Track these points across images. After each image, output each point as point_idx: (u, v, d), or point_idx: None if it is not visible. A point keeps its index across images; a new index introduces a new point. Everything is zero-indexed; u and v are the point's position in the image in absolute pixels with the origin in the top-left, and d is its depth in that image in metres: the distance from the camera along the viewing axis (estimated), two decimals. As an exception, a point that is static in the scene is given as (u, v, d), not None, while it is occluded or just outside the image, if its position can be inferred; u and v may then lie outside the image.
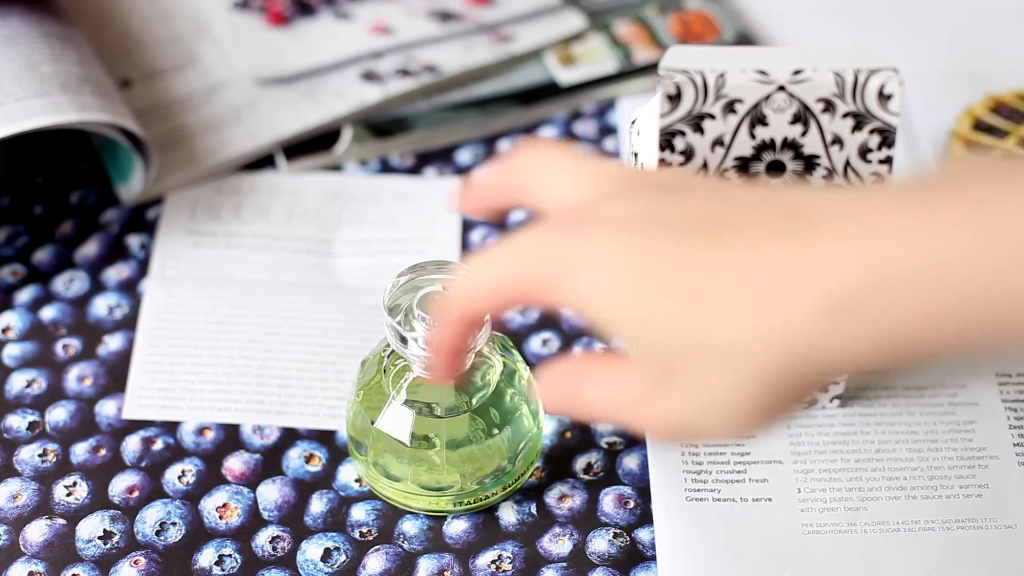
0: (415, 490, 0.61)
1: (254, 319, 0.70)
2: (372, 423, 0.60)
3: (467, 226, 0.74)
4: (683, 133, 0.55)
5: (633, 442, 0.65)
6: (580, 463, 0.65)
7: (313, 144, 0.77)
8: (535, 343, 0.69)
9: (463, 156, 0.78)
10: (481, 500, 0.62)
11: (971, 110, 0.78)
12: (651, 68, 0.81)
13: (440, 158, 0.78)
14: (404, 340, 0.57)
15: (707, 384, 0.42)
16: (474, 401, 0.60)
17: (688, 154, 0.55)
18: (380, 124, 0.78)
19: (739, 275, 0.41)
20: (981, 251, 0.38)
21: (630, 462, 0.65)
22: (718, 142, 0.55)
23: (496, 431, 0.60)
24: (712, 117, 0.55)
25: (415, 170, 0.77)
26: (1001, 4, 0.85)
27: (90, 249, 0.73)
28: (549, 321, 0.70)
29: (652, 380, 0.44)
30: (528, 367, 0.63)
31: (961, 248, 0.38)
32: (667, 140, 0.55)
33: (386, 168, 0.77)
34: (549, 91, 0.81)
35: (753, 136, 0.55)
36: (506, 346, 0.62)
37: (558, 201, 0.48)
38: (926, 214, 0.39)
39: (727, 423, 0.43)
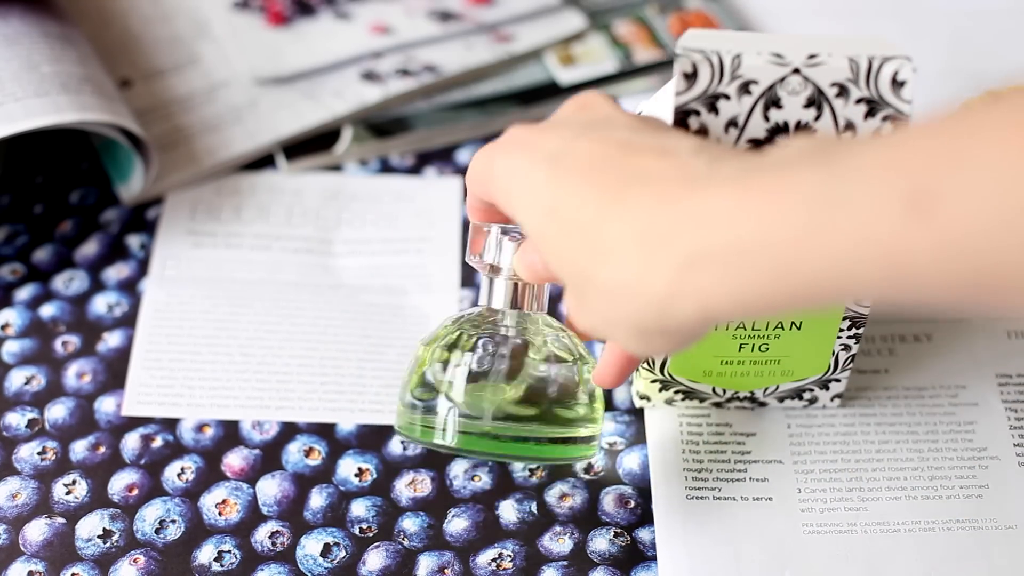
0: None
1: (253, 317, 0.70)
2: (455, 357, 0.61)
3: (467, 225, 0.74)
4: (698, 112, 0.55)
5: (634, 442, 0.65)
6: (581, 462, 0.65)
7: (313, 144, 0.77)
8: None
9: (463, 156, 0.78)
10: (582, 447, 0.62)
11: (971, 110, 0.78)
12: (651, 68, 0.81)
13: (440, 158, 0.78)
14: (496, 266, 0.60)
15: (600, 311, 0.50)
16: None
17: (702, 134, 0.55)
18: (380, 124, 0.78)
19: (623, 227, 0.47)
20: (780, 233, 0.43)
21: (630, 462, 0.65)
22: (732, 123, 0.55)
23: (580, 362, 0.61)
24: (727, 97, 0.55)
25: (415, 170, 0.77)
26: (1001, 4, 0.85)
27: (90, 248, 0.73)
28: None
29: (573, 296, 0.51)
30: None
31: (762, 223, 0.44)
32: (682, 119, 0.55)
33: (386, 168, 0.77)
34: (549, 91, 0.81)
35: (767, 119, 0.55)
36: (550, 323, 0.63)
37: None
38: (745, 193, 0.45)
39: (626, 344, 0.51)
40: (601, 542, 0.62)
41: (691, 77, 0.54)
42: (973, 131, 0.41)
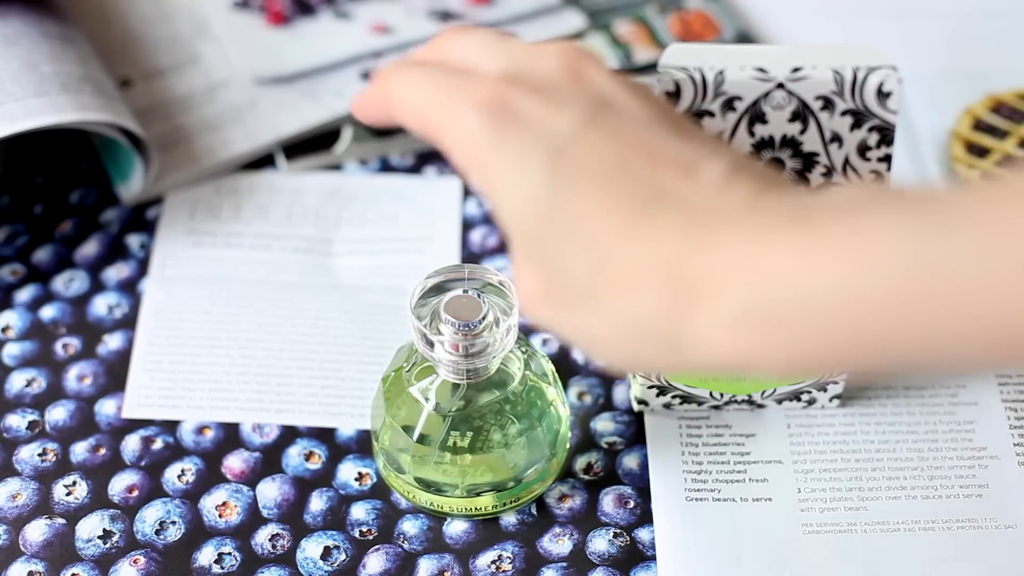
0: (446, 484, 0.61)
1: (254, 318, 0.70)
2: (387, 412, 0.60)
3: (467, 225, 0.74)
4: None
5: (633, 442, 0.65)
6: (580, 463, 0.65)
7: (313, 144, 0.77)
8: (535, 343, 0.69)
9: (463, 156, 0.78)
10: (522, 498, 0.62)
11: (971, 110, 0.78)
12: (651, 68, 0.81)
13: (440, 158, 0.78)
14: (430, 344, 0.57)
15: (594, 331, 0.45)
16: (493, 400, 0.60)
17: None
18: (380, 124, 0.78)
19: (647, 260, 0.43)
20: (859, 293, 0.39)
21: (630, 462, 0.65)
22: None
23: (537, 425, 0.60)
24: (711, 114, 0.55)
25: (415, 169, 0.77)
26: (1001, 4, 0.85)
27: (90, 249, 0.73)
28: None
29: (546, 294, 0.45)
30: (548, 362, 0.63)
31: (838, 288, 0.40)
32: None
33: (386, 167, 0.77)
34: (549, 91, 0.80)
35: (752, 133, 0.55)
36: (526, 350, 0.62)
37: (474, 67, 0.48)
38: (807, 246, 0.40)
39: (606, 361, 0.47)
40: (600, 543, 0.62)
41: (673, 96, 0.54)
42: None
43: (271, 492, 0.63)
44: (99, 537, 0.62)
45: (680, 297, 0.42)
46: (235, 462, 0.65)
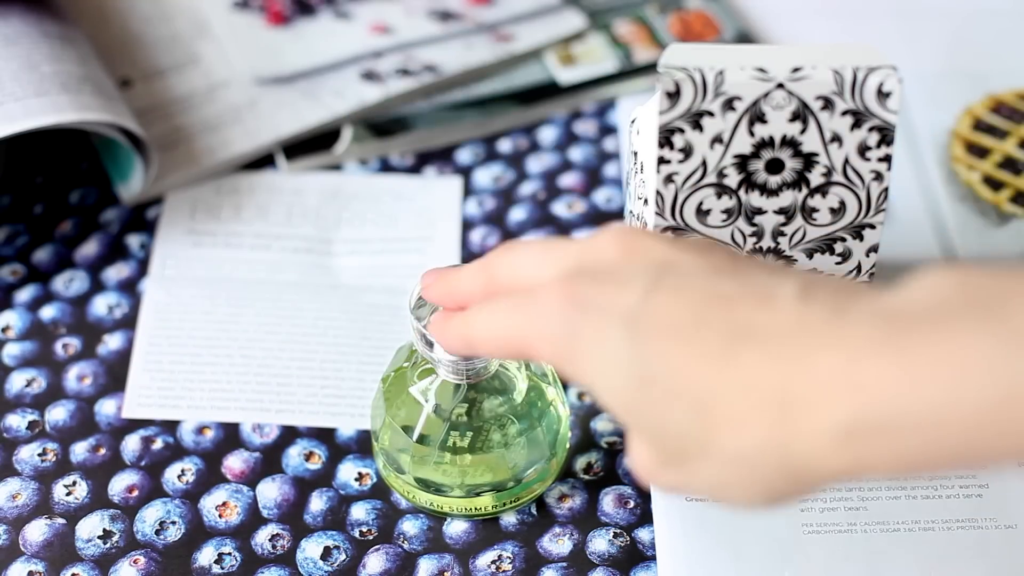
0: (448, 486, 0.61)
1: (254, 318, 0.70)
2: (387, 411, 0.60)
3: (467, 225, 0.75)
4: (682, 130, 0.55)
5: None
6: (580, 463, 0.65)
7: (313, 144, 0.77)
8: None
9: (463, 156, 0.78)
10: (522, 498, 0.62)
11: (971, 110, 0.78)
12: (651, 68, 0.81)
13: (440, 158, 0.78)
14: (430, 344, 0.57)
15: (715, 478, 0.45)
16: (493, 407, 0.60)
17: (687, 152, 0.55)
18: (380, 124, 0.78)
19: (745, 391, 0.43)
20: (959, 411, 0.40)
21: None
22: (717, 139, 0.55)
23: (536, 426, 0.60)
24: (711, 115, 0.55)
25: (415, 169, 0.77)
26: (1001, 4, 0.85)
27: (90, 249, 0.73)
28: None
29: (662, 461, 0.47)
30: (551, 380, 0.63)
31: (939, 405, 0.40)
32: (666, 137, 0.55)
33: (386, 168, 0.77)
34: (549, 91, 0.81)
35: (752, 134, 0.55)
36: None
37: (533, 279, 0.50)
38: (907, 360, 0.41)
39: (733, 505, 0.47)
40: (600, 543, 0.62)
41: (674, 96, 0.54)
42: None
43: (271, 492, 0.63)
44: (99, 537, 0.62)
45: (783, 419, 0.43)
46: (235, 462, 0.65)
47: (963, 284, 0.42)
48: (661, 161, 0.56)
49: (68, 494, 0.63)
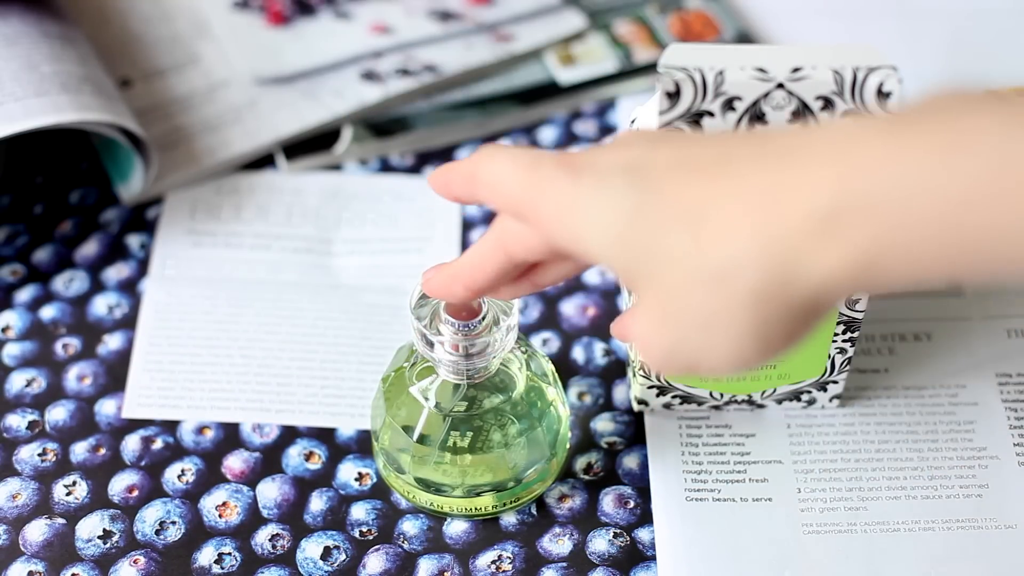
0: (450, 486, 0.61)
1: (254, 318, 0.70)
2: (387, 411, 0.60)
3: (467, 225, 0.75)
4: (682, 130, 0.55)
5: (633, 442, 0.65)
6: (580, 463, 0.65)
7: (313, 144, 0.77)
8: (535, 343, 0.69)
9: (463, 156, 0.78)
10: (522, 498, 0.62)
11: (971, 110, 0.78)
12: (651, 68, 0.81)
13: (440, 158, 0.78)
14: (430, 344, 0.57)
15: (706, 310, 0.44)
16: (492, 402, 0.60)
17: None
18: (380, 124, 0.78)
19: (734, 200, 0.43)
20: (952, 183, 0.39)
21: (630, 462, 0.65)
22: None
23: (536, 426, 0.60)
24: (711, 115, 0.55)
25: (415, 169, 0.77)
26: (1001, 4, 0.85)
27: (90, 249, 0.73)
28: (549, 321, 0.70)
29: (659, 316, 0.46)
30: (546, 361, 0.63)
31: (932, 177, 0.39)
32: None
33: (386, 168, 0.77)
34: (549, 91, 0.81)
35: None
36: (526, 350, 0.62)
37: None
38: (900, 141, 0.40)
39: (728, 350, 0.45)
40: (600, 543, 0.62)
41: (674, 96, 0.54)
42: None
43: (271, 492, 0.63)
44: (99, 537, 0.62)
45: (767, 216, 0.42)
46: (235, 462, 0.65)
47: (966, 94, 0.41)
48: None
49: (68, 494, 0.63)
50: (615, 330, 0.53)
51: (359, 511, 0.63)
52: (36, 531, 0.62)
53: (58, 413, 0.66)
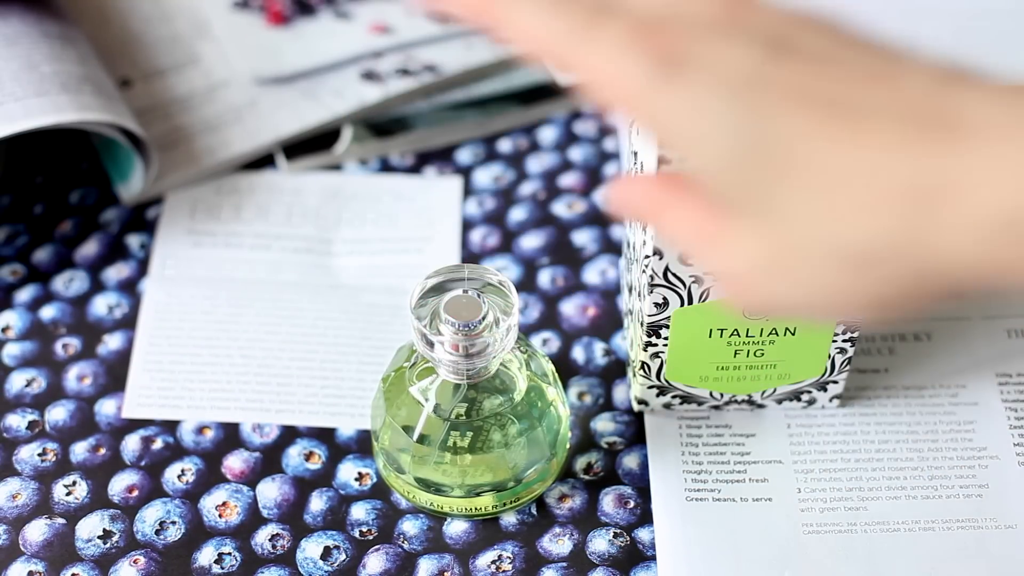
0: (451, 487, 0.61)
1: (254, 318, 0.70)
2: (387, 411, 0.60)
3: (467, 225, 0.74)
4: None
5: (633, 442, 0.65)
6: (580, 463, 0.65)
7: (313, 144, 0.77)
8: (535, 343, 0.69)
9: (463, 156, 0.78)
10: (522, 498, 0.62)
11: (971, 110, 0.78)
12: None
13: (440, 158, 0.78)
14: (430, 344, 0.57)
15: (833, 286, 0.39)
16: (493, 405, 0.60)
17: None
18: (380, 124, 0.78)
19: (881, 176, 0.37)
20: None
21: (630, 462, 0.65)
22: None
23: (536, 426, 0.60)
24: None
25: (415, 170, 0.77)
26: (1001, 4, 0.85)
27: (90, 249, 0.73)
28: (549, 321, 0.70)
29: (760, 264, 0.40)
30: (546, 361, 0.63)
31: None
32: None
33: (386, 168, 0.77)
34: (549, 91, 0.80)
35: None
36: (526, 350, 0.62)
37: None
38: None
39: (842, 313, 0.41)
40: (600, 543, 0.62)
41: None
42: None
43: (271, 492, 0.63)
44: (99, 537, 0.62)
45: (918, 210, 0.37)
46: (235, 462, 0.65)
47: None
48: (661, 161, 0.56)
49: (68, 494, 0.63)
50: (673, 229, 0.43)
51: (359, 511, 0.63)
52: (36, 531, 0.62)
53: (58, 413, 0.66)
